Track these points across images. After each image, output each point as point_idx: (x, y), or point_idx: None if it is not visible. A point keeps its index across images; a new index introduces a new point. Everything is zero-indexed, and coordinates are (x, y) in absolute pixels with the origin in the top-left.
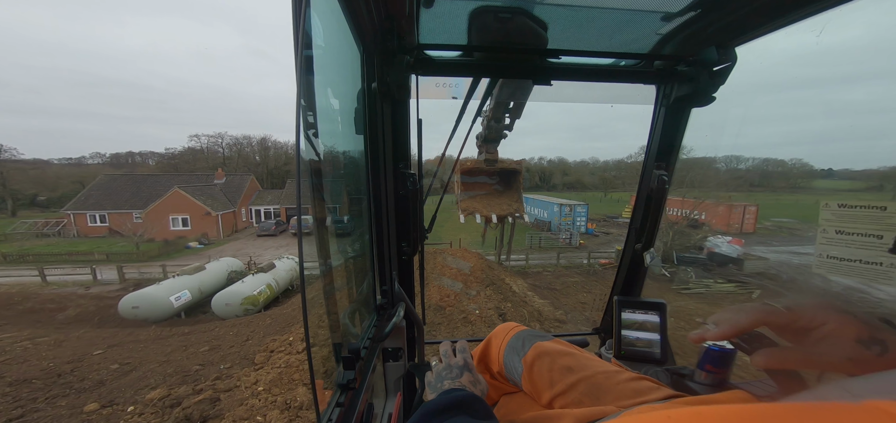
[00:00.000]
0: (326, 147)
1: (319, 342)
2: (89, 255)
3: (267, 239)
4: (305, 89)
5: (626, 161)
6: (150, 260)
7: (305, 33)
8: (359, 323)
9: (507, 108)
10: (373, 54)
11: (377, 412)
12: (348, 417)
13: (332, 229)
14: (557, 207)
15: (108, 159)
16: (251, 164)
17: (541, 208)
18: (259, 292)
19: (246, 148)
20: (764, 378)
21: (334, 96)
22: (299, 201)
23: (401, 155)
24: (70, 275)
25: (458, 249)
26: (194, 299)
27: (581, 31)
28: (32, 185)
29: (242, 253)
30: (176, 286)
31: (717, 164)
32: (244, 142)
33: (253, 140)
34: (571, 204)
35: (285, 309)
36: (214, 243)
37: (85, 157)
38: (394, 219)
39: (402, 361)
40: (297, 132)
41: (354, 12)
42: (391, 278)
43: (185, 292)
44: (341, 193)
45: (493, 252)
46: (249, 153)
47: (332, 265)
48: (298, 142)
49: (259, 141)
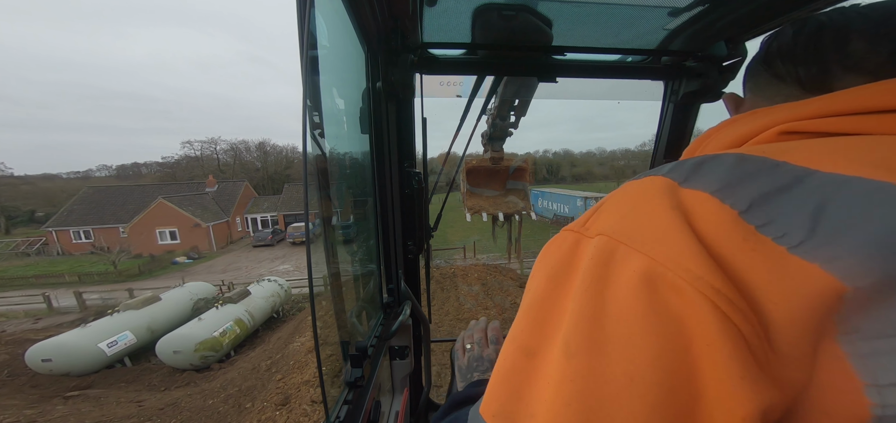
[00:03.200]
0: (332, 147)
1: (328, 342)
2: (60, 277)
3: (263, 249)
4: (311, 90)
5: (634, 150)
6: (130, 280)
7: (310, 34)
8: (365, 322)
9: (512, 105)
10: (377, 54)
11: (384, 410)
12: (356, 414)
13: (339, 229)
14: (582, 201)
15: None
16: (251, 170)
17: (560, 203)
18: (222, 333)
19: (244, 153)
20: None
21: (339, 96)
22: (306, 200)
23: (406, 154)
24: (24, 303)
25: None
26: (141, 341)
27: (587, 28)
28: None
29: (234, 267)
30: (112, 327)
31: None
32: (242, 147)
33: (251, 145)
34: (597, 197)
35: (257, 354)
36: (206, 257)
37: (92, 169)
38: (399, 218)
39: (408, 359)
40: (303, 132)
41: (358, 12)
42: (397, 277)
43: (126, 335)
44: (347, 192)
45: (505, 256)
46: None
47: (339, 264)
48: (305, 142)
49: (257, 145)
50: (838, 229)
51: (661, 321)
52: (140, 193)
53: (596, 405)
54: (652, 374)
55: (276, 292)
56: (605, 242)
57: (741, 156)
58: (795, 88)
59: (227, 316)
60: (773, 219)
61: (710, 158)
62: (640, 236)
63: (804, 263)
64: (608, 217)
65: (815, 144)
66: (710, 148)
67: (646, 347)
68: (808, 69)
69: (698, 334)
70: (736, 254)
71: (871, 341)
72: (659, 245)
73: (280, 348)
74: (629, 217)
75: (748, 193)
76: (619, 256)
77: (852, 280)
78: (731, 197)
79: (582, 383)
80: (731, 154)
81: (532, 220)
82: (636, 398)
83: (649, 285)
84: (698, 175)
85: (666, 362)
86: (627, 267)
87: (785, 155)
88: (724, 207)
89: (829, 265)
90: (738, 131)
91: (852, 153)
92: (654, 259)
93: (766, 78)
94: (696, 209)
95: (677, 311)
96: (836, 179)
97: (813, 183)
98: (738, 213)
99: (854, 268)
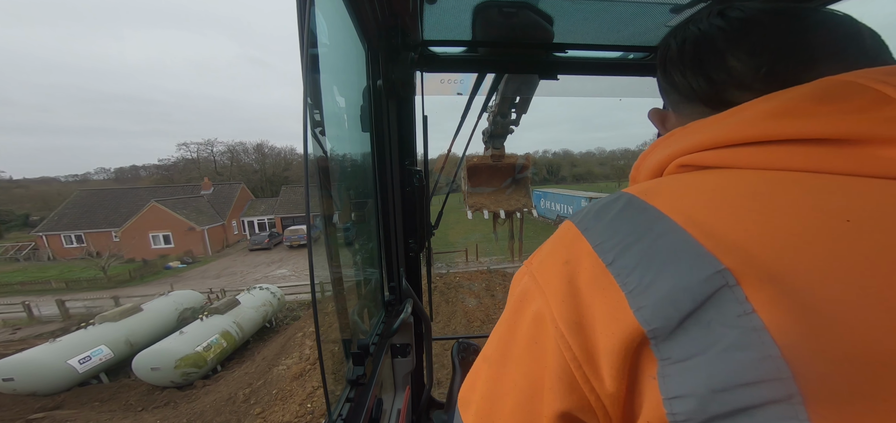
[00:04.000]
0: (333, 145)
1: (330, 339)
2: (46, 283)
3: (260, 253)
4: (312, 88)
5: (635, 150)
6: (120, 286)
7: (311, 33)
8: (367, 319)
9: (513, 103)
10: (378, 52)
11: (386, 407)
12: (358, 411)
13: (340, 227)
14: (587, 202)
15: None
16: (248, 172)
17: (563, 203)
18: (206, 348)
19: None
20: None
21: (340, 95)
22: (307, 198)
23: (407, 152)
24: (4, 312)
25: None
26: (120, 356)
27: (587, 25)
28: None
29: (229, 272)
30: (86, 341)
31: None
32: (239, 149)
33: (249, 146)
34: (602, 196)
35: (238, 378)
36: (201, 261)
37: (90, 172)
38: (400, 216)
39: (410, 357)
40: (304, 131)
41: (359, 10)
42: (399, 275)
43: (101, 350)
44: (348, 190)
45: (508, 258)
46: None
47: (341, 263)
48: (306, 141)
49: (255, 147)
50: (650, 282)
51: (537, 348)
52: (134, 196)
53: (495, 398)
54: (524, 381)
55: (267, 301)
56: (528, 281)
57: (629, 202)
58: (697, 103)
59: (212, 329)
60: (625, 267)
61: (610, 201)
62: (544, 280)
63: (627, 306)
64: (539, 256)
65: (678, 182)
66: (642, 173)
67: (525, 363)
68: (699, 82)
69: (549, 357)
70: (594, 296)
71: (670, 365)
72: (549, 289)
73: (263, 372)
74: (545, 262)
75: (617, 244)
76: (529, 295)
77: (648, 324)
78: (605, 252)
79: (491, 384)
80: (624, 196)
81: (535, 221)
82: (513, 395)
83: (538, 322)
84: (593, 225)
85: (532, 375)
86: (531, 305)
87: (658, 196)
88: (598, 261)
89: (638, 313)
90: (658, 158)
91: (688, 196)
92: (545, 302)
93: (668, 89)
94: (579, 263)
95: (544, 343)
96: (666, 227)
97: (656, 230)
98: (605, 265)
99: (649, 315)
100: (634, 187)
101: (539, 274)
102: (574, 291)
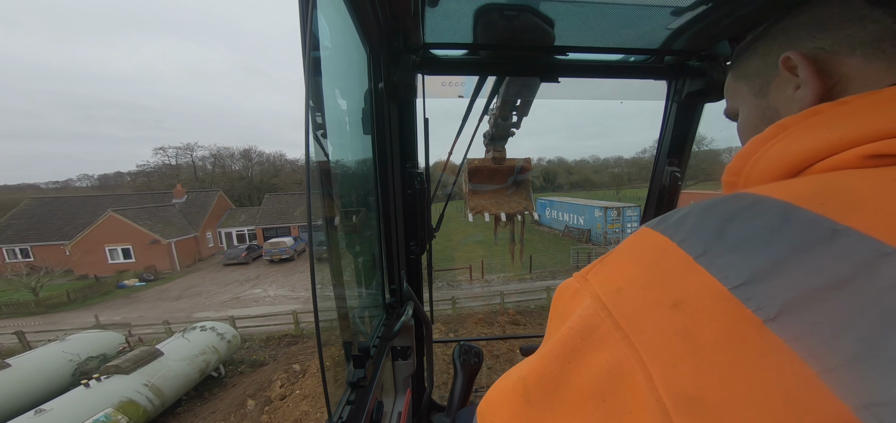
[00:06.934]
0: (334, 147)
1: (330, 342)
2: None
3: (235, 269)
4: (313, 91)
5: (628, 158)
6: (52, 310)
7: (313, 35)
8: (368, 322)
9: (514, 106)
10: (379, 54)
11: (386, 410)
12: (358, 414)
13: (341, 229)
14: (601, 212)
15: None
16: (234, 179)
17: (574, 213)
18: None
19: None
20: None
21: (342, 97)
22: (309, 201)
23: (408, 154)
24: None
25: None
26: None
27: (589, 27)
28: None
29: (194, 292)
30: None
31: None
32: (224, 154)
33: (235, 152)
34: (620, 207)
35: None
36: (164, 278)
37: (72, 179)
38: (402, 218)
39: (410, 359)
40: (306, 133)
41: (360, 13)
42: (400, 278)
43: None
44: (349, 193)
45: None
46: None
47: (342, 265)
48: (307, 143)
49: (242, 153)
50: (875, 351)
51: (609, 411)
52: (93, 205)
53: None
54: None
55: (211, 346)
56: (593, 311)
57: (788, 213)
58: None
59: (104, 398)
60: (812, 326)
61: (739, 210)
62: (631, 322)
63: (828, 392)
64: (610, 274)
65: (884, 186)
66: (756, 174)
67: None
68: None
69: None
70: (735, 365)
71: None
72: (645, 340)
73: None
74: (631, 295)
75: (783, 290)
76: (601, 336)
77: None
78: (755, 297)
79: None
80: (768, 203)
81: (542, 232)
82: None
83: (617, 379)
84: (718, 249)
85: None
86: (604, 352)
87: (856, 210)
88: (746, 313)
89: (863, 411)
90: (801, 146)
91: None
92: (635, 355)
93: (839, 38)
94: (704, 310)
95: (625, 407)
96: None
97: (878, 273)
98: (763, 321)
99: (890, 416)
100: (781, 191)
101: (619, 309)
102: (697, 350)
